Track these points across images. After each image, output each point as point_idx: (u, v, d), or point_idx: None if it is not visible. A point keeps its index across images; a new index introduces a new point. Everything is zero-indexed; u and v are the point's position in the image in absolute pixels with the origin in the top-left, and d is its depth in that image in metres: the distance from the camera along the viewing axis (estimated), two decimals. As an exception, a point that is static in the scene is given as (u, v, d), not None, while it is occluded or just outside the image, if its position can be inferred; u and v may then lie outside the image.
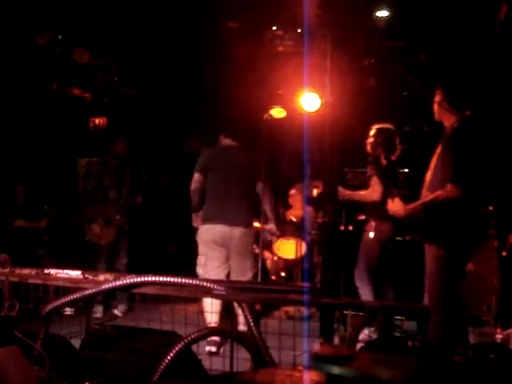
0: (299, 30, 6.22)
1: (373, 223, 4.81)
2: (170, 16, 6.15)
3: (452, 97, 3.59)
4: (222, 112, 7.17)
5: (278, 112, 5.21)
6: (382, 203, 4.69)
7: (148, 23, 6.25)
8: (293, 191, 6.91)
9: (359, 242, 4.94)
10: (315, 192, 6.12)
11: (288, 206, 6.97)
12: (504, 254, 5.30)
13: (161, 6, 5.95)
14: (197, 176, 4.88)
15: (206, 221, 4.84)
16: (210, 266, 4.78)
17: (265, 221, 5.11)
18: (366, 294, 4.78)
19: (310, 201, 6.31)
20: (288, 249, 6.43)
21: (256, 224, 6.46)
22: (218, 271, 4.78)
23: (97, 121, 8.11)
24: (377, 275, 4.83)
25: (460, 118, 3.55)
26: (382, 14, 6.01)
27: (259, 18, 6.14)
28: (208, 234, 4.81)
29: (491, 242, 5.32)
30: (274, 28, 6.48)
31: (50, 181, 7.01)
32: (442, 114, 3.65)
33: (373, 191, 4.77)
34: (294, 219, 6.57)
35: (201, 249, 4.89)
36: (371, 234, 4.79)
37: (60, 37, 5.92)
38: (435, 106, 3.69)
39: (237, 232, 4.78)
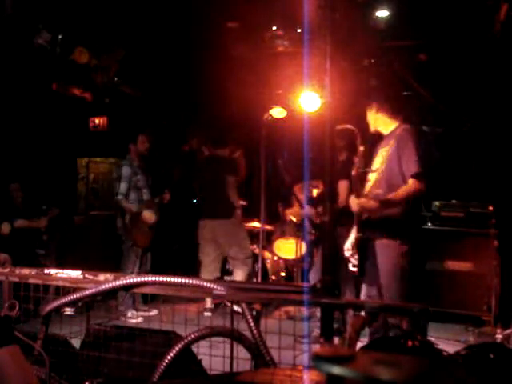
0: (299, 30, 6.21)
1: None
2: (170, 16, 6.15)
3: (387, 108, 3.94)
4: (222, 112, 7.17)
5: (278, 112, 5.20)
6: (344, 209, 4.66)
7: (148, 23, 6.25)
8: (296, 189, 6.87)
9: None
10: (315, 192, 6.11)
11: (288, 206, 6.95)
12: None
13: (161, 7, 5.95)
14: None
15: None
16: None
17: None
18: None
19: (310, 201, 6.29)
20: (288, 249, 6.42)
21: (256, 224, 6.46)
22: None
23: (97, 121, 8.11)
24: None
25: (399, 123, 3.89)
26: (382, 14, 6.00)
27: (259, 18, 6.13)
28: None
29: (491, 241, 5.32)
30: (274, 28, 6.47)
31: (49, 181, 7.00)
32: (379, 123, 3.97)
33: (341, 199, 4.67)
34: (293, 219, 6.56)
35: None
36: None
37: (60, 37, 5.92)
38: (370, 117, 4.01)
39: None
